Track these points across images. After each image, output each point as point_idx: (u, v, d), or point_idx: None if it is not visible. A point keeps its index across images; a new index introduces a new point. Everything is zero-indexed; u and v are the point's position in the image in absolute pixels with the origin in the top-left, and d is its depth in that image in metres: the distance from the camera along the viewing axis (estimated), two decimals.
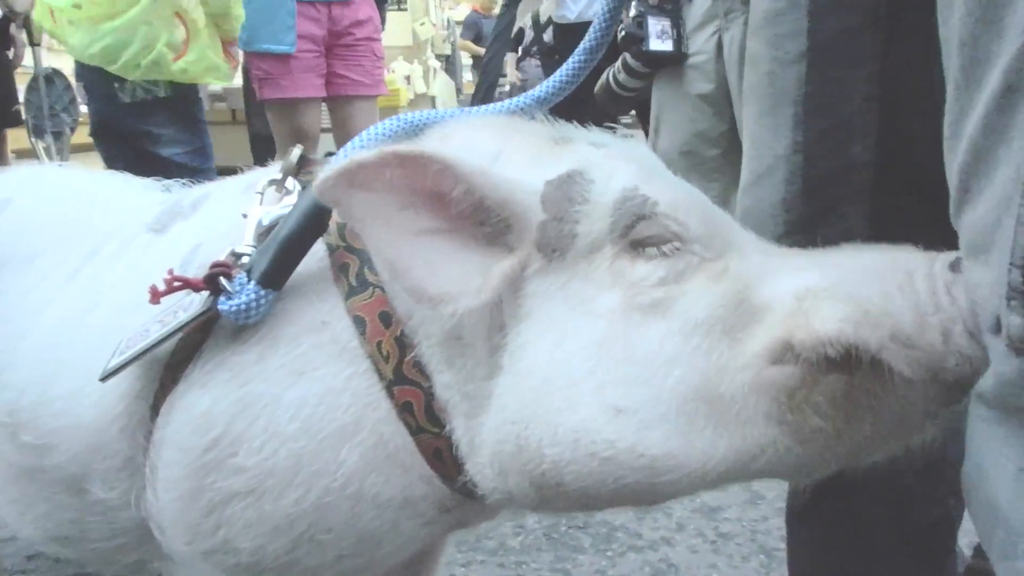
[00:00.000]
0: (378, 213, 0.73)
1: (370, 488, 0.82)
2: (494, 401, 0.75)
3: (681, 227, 0.73)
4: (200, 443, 0.82)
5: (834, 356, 0.64)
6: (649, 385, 0.69)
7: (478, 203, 0.74)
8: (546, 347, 0.72)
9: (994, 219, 0.56)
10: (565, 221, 0.74)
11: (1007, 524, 0.57)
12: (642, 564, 1.77)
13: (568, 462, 0.71)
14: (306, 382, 0.80)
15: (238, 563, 0.86)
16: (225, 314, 0.80)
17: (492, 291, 0.72)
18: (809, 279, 0.69)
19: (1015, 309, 0.53)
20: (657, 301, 0.71)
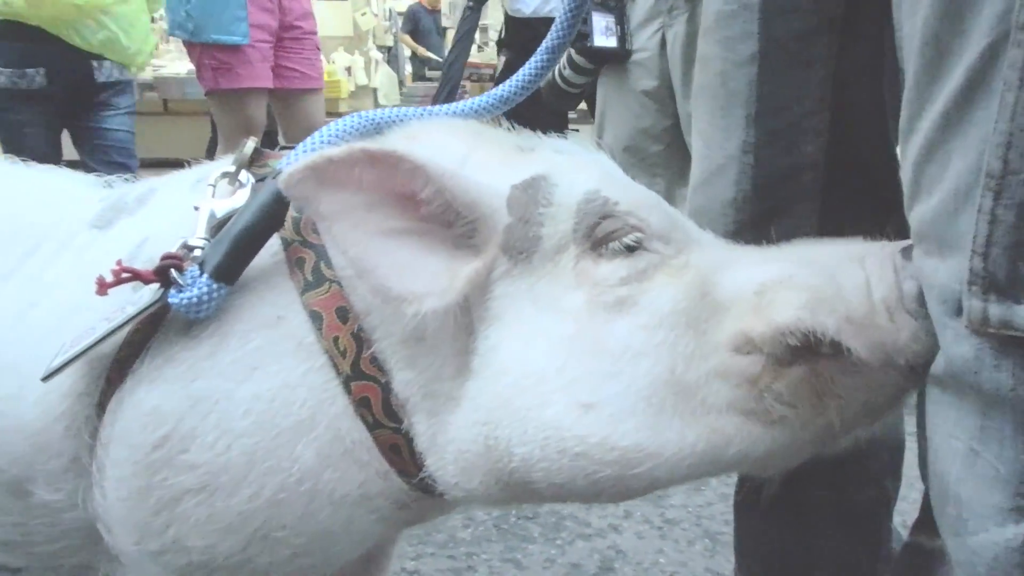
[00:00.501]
0: (346, 211, 0.73)
1: (326, 484, 0.81)
2: (464, 403, 0.76)
3: (642, 223, 0.75)
4: (149, 440, 0.80)
5: (794, 344, 0.67)
6: (617, 380, 0.70)
7: (447, 205, 0.74)
8: (515, 348, 0.74)
9: (952, 209, 0.59)
10: (530, 224, 0.76)
11: (957, 501, 0.60)
12: (591, 551, 1.80)
13: (538, 460, 0.72)
14: (260, 377, 0.79)
15: (189, 562, 0.84)
16: (176, 307, 0.78)
17: (457, 293, 0.73)
18: (767, 272, 0.72)
19: (975, 293, 0.56)
20: (622, 298, 0.73)
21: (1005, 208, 0.54)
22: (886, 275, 0.68)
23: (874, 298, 0.67)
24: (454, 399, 0.77)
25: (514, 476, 0.74)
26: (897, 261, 0.69)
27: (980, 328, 0.56)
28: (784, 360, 0.68)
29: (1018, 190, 0.53)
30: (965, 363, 0.58)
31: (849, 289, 0.68)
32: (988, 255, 0.55)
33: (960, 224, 0.58)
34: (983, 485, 0.57)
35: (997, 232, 0.54)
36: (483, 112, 0.99)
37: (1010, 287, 0.54)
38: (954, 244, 0.59)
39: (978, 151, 0.56)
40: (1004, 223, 0.54)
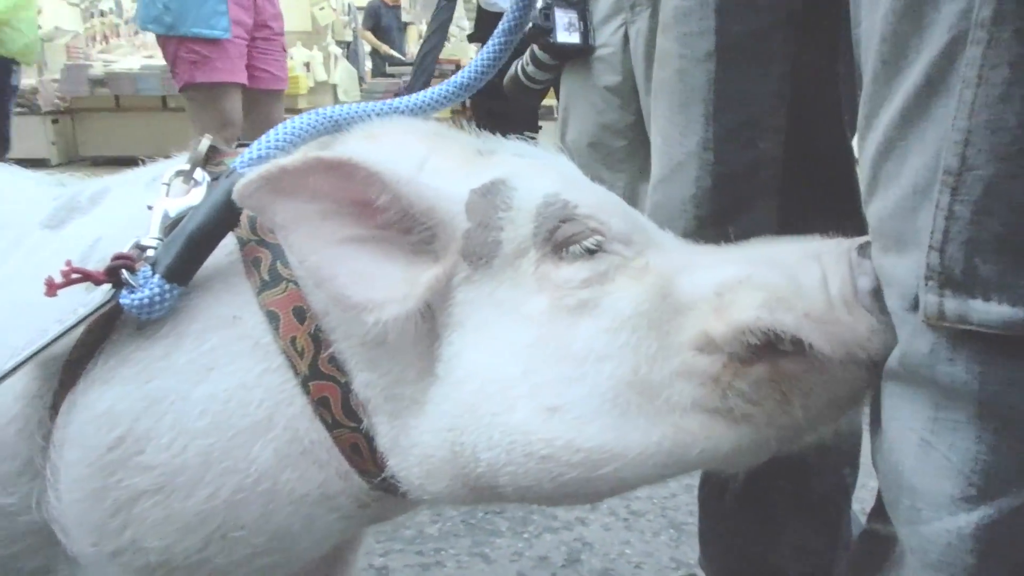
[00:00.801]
0: (302, 220, 0.72)
1: (284, 484, 0.81)
2: (428, 408, 0.76)
3: (602, 226, 0.75)
4: (104, 441, 0.79)
5: (754, 343, 0.67)
6: (581, 383, 0.70)
7: (404, 212, 0.74)
8: (479, 354, 0.74)
9: (910, 206, 0.60)
10: (490, 228, 0.75)
11: (911, 492, 0.61)
12: (558, 544, 1.81)
13: (504, 464, 0.72)
14: (216, 378, 0.79)
15: (147, 563, 0.84)
16: (127, 308, 0.77)
17: (417, 300, 0.73)
18: (725, 272, 0.72)
19: (931, 289, 0.56)
20: (583, 301, 0.73)
21: (962, 204, 0.54)
22: (841, 270, 0.69)
23: (831, 294, 0.68)
24: (417, 403, 0.77)
25: (480, 480, 0.74)
26: (852, 257, 0.69)
27: (936, 322, 0.57)
28: (746, 359, 0.69)
29: (975, 186, 0.54)
30: (921, 357, 0.59)
31: (806, 286, 0.68)
32: (944, 251, 0.55)
33: (918, 220, 0.59)
34: (936, 475, 0.58)
35: (954, 228, 0.55)
36: (444, 101, 0.99)
37: (966, 282, 0.55)
38: (911, 240, 0.60)
39: (936, 148, 0.57)
40: (961, 219, 0.54)
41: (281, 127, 0.85)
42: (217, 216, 0.79)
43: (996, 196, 0.53)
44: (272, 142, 0.83)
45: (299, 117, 0.86)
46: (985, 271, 0.54)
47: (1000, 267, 0.54)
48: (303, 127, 0.85)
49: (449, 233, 0.75)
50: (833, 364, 0.67)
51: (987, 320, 0.54)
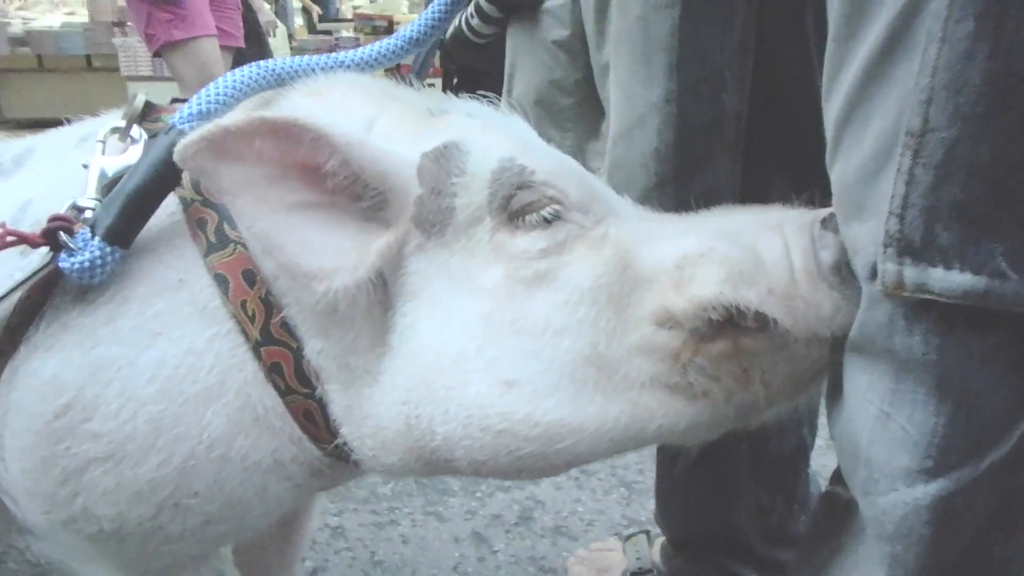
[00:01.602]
0: (247, 185, 0.69)
1: (237, 451, 0.79)
2: (382, 380, 0.74)
3: (560, 193, 0.73)
4: (49, 409, 0.77)
5: (715, 319, 0.66)
6: (539, 357, 0.69)
7: (354, 176, 0.71)
8: (433, 327, 0.72)
9: (872, 170, 0.58)
10: (443, 195, 0.72)
11: (868, 463, 0.61)
12: (510, 503, 1.82)
13: (460, 438, 0.71)
14: (164, 343, 0.76)
15: (100, 530, 0.82)
16: (67, 272, 0.74)
17: (368, 269, 0.71)
18: (687, 245, 0.71)
19: (890, 256, 0.55)
20: (541, 273, 0.71)
21: (923, 168, 0.53)
22: (803, 244, 0.68)
23: (794, 268, 0.67)
24: (370, 373, 0.75)
25: (436, 454, 0.73)
26: (815, 231, 0.68)
27: (894, 292, 0.55)
28: (706, 335, 0.68)
29: (937, 149, 0.52)
30: (879, 327, 0.58)
31: (769, 261, 0.67)
32: (904, 217, 0.54)
33: (880, 186, 0.57)
34: (893, 447, 0.58)
35: (914, 193, 0.53)
36: (392, 56, 0.96)
37: (925, 250, 0.54)
38: (873, 207, 0.58)
39: (898, 110, 0.55)
40: (922, 184, 0.53)
41: (221, 81, 0.81)
42: (158, 174, 0.76)
43: (957, 160, 0.51)
44: (213, 96, 0.79)
45: (240, 70, 0.83)
46: (945, 238, 0.53)
47: (960, 234, 0.52)
48: (244, 81, 0.82)
49: (401, 199, 0.73)
50: (795, 341, 0.66)
51: (947, 289, 0.53)
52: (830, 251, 0.67)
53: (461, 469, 0.75)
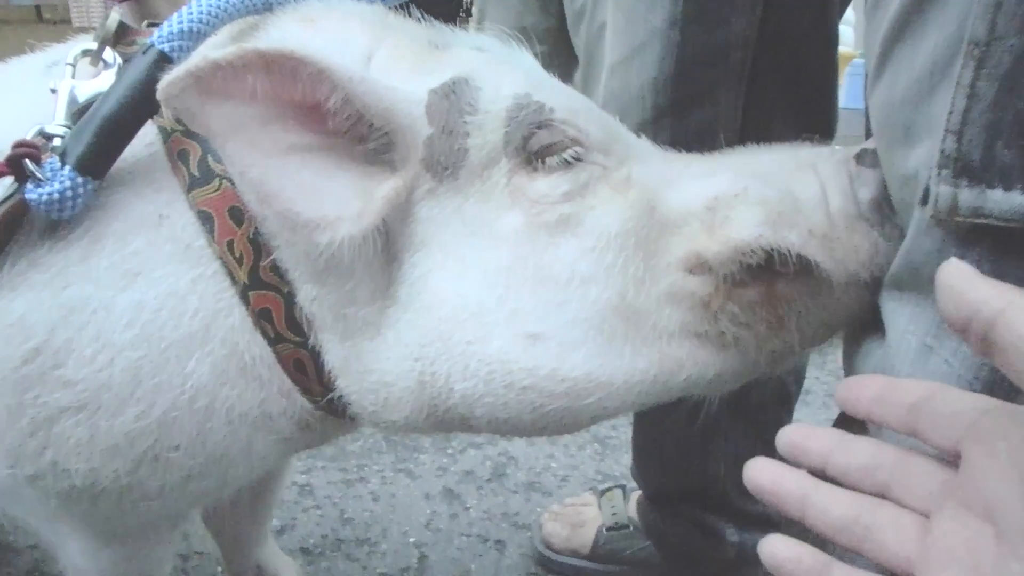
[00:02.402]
0: (239, 127, 0.62)
1: (222, 403, 0.74)
2: (388, 334, 0.69)
3: (580, 133, 0.68)
4: (16, 354, 0.70)
5: (752, 263, 0.63)
6: (565, 308, 0.65)
7: (357, 116, 0.65)
8: (448, 278, 0.66)
9: (926, 88, 0.55)
10: (455, 135, 0.66)
11: None
12: (483, 459, 1.80)
13: (481, 395, 0.66)
14: (143, 284, 0.70)
15: (72, 486, 0.76)
16: (35, 204, 0.67)
17: (374, 216, 0.65)
18: (717, 185, 0.66)
19: (944, 178, 0.52)
20: (564, 217, 0.66)
21: (987, 80, 0.49)
22: (841, 182, 0.64)
23: (831, 209, 0.63)
24: (372, 325, 0.70)
25: (452, 412, 0.69)
26: (851, 168, 0.65)
27: (947, 217, 0.53)
28: (739, 280, 0.64)
29: (1003, 59, 0.48)
30: (927, 256, 0.56)
31: (805, 201, 0.64)
32: (963, 134, 0.51)
33: (933, 104, 0.54)
34: (935, 381, 0.54)
35: (975, 108, 0.50)
36: None
37: (984, 170, 0.51)
38: (924, 128, 0.55)
39: (960, 19, 0.51)
40: (984, 98, 0.50)
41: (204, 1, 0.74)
42: (134, 99, 0.69)
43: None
44: (196, 14, 0.71)
45: None
46: (1006, 156, 0.50)
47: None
48: (230, 2, 0.75)
49: (408, 140, 0.67)
50: (833, 285, 0.63)
51: (1006, 211, 0.50)
52: (869, 187, 0.63)
53: (477, 427, 0.70)
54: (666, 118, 0.97)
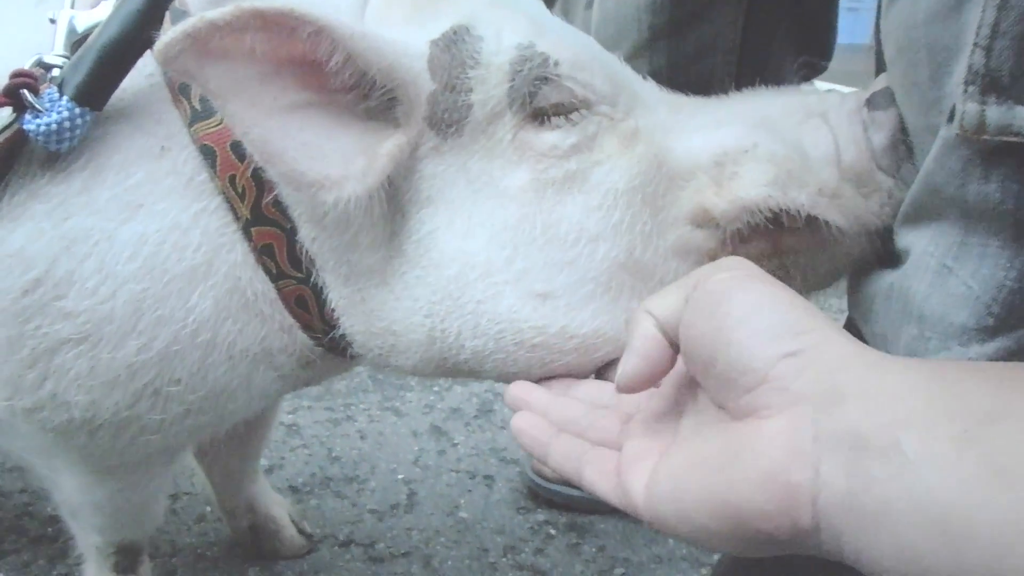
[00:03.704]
0: (239, 86, 0.62)
1: (224, 338, 0.74)
2: (395, 287, 0.69)
3: (586, 88, 0.66)
4: (17, 285, 0.70)
5: (759, 221, 0.63)
6: (573, 267, 0.65)
7: (360, 74, 0.64)
8: (455, 236, 0.66)
9: (953, 3, 0.53)
10: (457, 91, 0.65)
11: (921, 320, 0.58)
12: (469, 396, 1.82)
13: (491, 352, 0.67)
14: (145, 217, 0.70)
15: (70, 419, 0.77)
16: (33, 135, 0.67)
17: (379, 174, 0.64)
18: (725, 138, 0.66)
19: (972, 95, 0.51)
20: (571, 174, 0.66)
21: None
22: (854, 133, 0.63)
23: (844, 163, 0.63)
24: (376, 273, 0.70)
25: (462, 365, 0.69)
26: (865, 116, 0.64)
27: (973, 135, 0.51)
28: (746, 235, 0.64)
29: None
30: (950, 175, 0.54)
31: (816, 157, 0.63)
32: (992, 49, 0.49)
33: (961, 19, 0.52)
34: (951, 304, 0.55)
35: (1007, 19, 0.49)
36: None
37: (1013, 85, 0.49)
38: (951, 45, 0.53)
39: None
40: (1016, 8, 0.48)
41: None
42: (133, 28, 0.68)
43: None
44: None
45: None
46: None
47: None
48: None
49: (411, 96, 0.65)
50: (843, 237, 0.63)
51: None
52: (883, 131, 0.63)
53: (485, 378, 0.71)
54: (661, 40, 0.95)
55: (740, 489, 0.42)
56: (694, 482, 0.45)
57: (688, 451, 0.48)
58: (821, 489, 0.40)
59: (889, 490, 0.37)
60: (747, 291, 0.47)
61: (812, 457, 0.40)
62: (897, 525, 0.37)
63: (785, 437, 0.41)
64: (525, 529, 1.42)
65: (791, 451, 0.41)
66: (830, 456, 0.40)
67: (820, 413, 0.41)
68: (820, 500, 0.40)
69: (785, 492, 0.40)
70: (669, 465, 0.48)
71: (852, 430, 0.39)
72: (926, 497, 0.36)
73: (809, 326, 0.44)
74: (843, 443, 0.40)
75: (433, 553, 1.35)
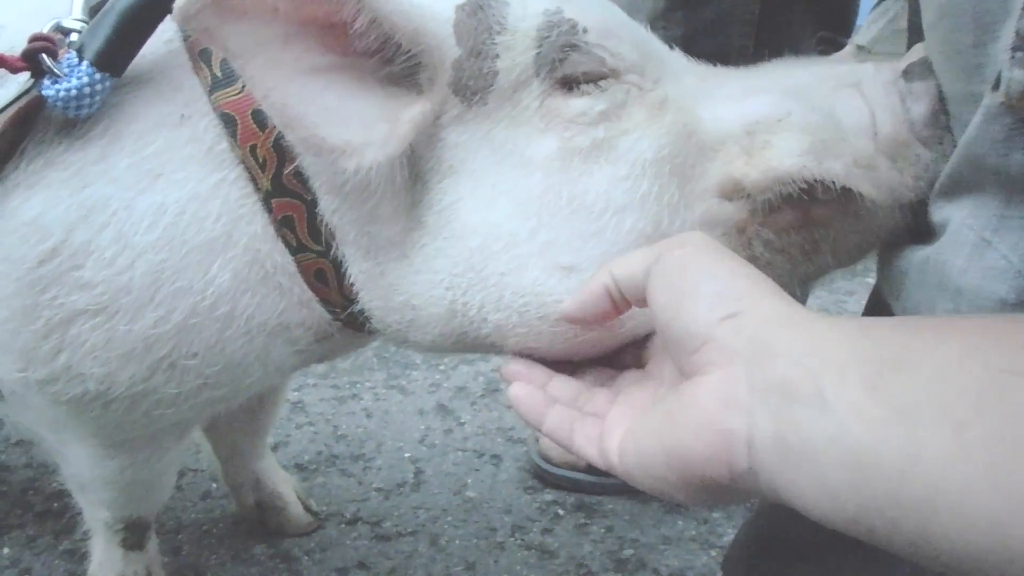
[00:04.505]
0: (260, 47, 0.60)
1: (242, 311, 0.73)
2: (415, 260, 0.68)
3: (614, 57, 0.65)
4: (32, 254, 0.69)
5: (792, 192, 0.61)
6: (599, 239, 0.63)
7: (385, 38, 0.62)
8: (478, 207, 0.65)
9: None
10: (483, 57, 0.64)
11: (957, 294, 0.57)
12: (475, 375, 1.81)
13: (515, 326, 0.65)
14: (164, 186, 0.69)
15: (84, 392, 0.76)
16: (52, 101, 0.65)
17: (401, 141, 0.63)
18: (756, 107, 0.64)
19: (1018, 61, 0.49)
20: (598, 143, 0.64)
21: None
22: (891, 104, 0.62)
23: (881, 135, 0.61)
24: (396, 245, 0.69)
25: (483, 339, 0.68)
26: (901, 86, 0.62)
27: (1019, 102, 0.50)
28: (775, 206, 0.63)
29: None
30: (993, 144, 0.53)
31: (850, 127, 0.62)
32: None
33: None
34: (990, 277, 0.55)
35: None
36: None
37: None
38: (997, 9, 0.52)
39: None
40: None
41: None
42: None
43: None
44: None
45: None
46: None
47: None
48: None
49: (436, 62, 0.64)
50: (876, 210, 0.62)
51: None
52: (923, 101, 0.62)
53: (506, 352, 0.70)
54: (679, 10, 0.93)
55: (683, 438, 0.47)
56: (652, 437, 0.51)
57: (651, 413, 0.53)
58: (755, 435, 0.44)
59: (811, 431, 0.42)
60: (699, 263, 0.52)
61: (746, 406, 0.45)
62: (818, 462, 0.42)
63: (721, 389, 0.46)
64: (533, 509, 1.41)
65: (726, 401, 0.46)
66: (762, 404, 0.44)
67: (753, 366, 0.45)
68: (754, 444, 0.44)
69: (721, 439, 0.45)
70: (635, 426, 0.54)
71: (781, 380, 0.44)
72: (841, 436, 0.41)
73: (747, 292, 0.49)
74: (773, 392, 0.44)
75: (440, 532, 1.35)
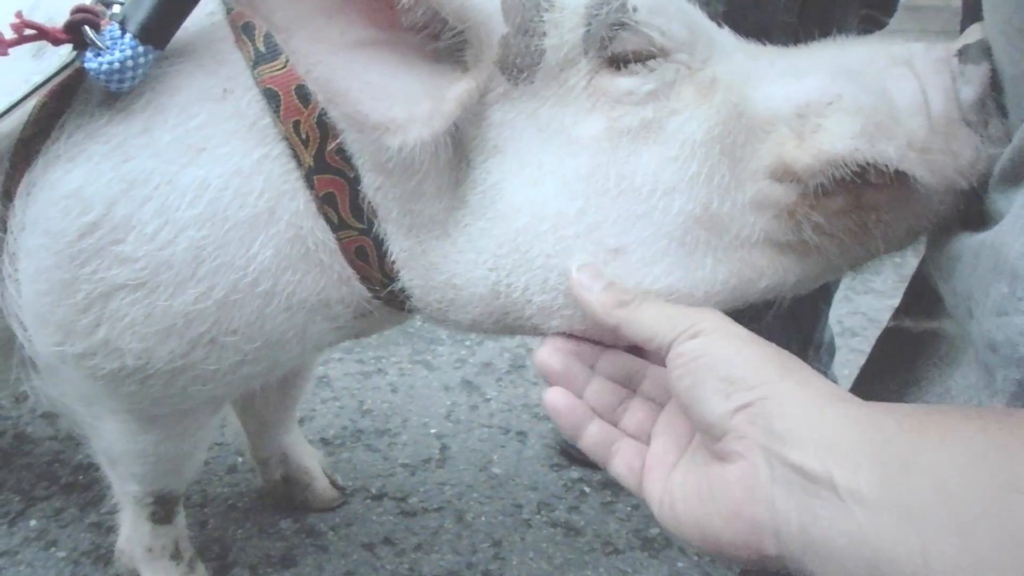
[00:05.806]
0: (304, 20, 0.59)
1: (283, 288, 0.73)
2: (458, 239, 0.67)
3: (664, 36, 0.64)
4: (73, 227, 0.69)
5: (844, 175, 0.60)
6: (647, 220, 0.62)
7: (432, 13, 0.61)
8: (524, 187, 0.64)
9: None
10: (531, 34, 0.63)
11: (1014, 278, 0.55)
12: (501, 351, 1.81)
13: (560, 307, 0.65)
14: (207, 161, 0.68)
15: (122, 367, 0.76)
16: (94, 73, 0.64)
17: (446, 119, 0.62)
18: (807, 88, 0.63)
19: None
20: (647, 122, 0.63)
21: None
22: (943, 83, 0.60)
23: (933, 114, 0.60)
24: (439, 224, 0.68)
25: (526, 320, 0.67)
26: (954, 67, 0.61)
27: None
28: (827, 189, 0.61)
29: None
30: None
31: (904, 107, 0.60)
32: None
33: None
34: None
35: None
36: None
37: None
38: None
39: None
40: None
41: None
42: None
43: None
44: None
45: None
46: None
47: None
48: None
49: (483, 39, 0.63)
50: (929, 194, 0.61)
51: None
52: (973, 85, 0.60)
53: (546, 333, 0.69)
54: None
55: (715, 523, 0.52)
56: (686, 511, 0.55)
57: (685, 477, 0.56)
58: (780, 526, 0.48)
59: (831, 528, 0.46)
60: (711, 353, 0.55)
61: (769, 496, 0.49)
62: (841, 559, 0.45)
63: (745, 480, 0.50)
64: (559, 486, 1.41)
65: (751, 491, 0.49)
66: (785, 494, 0.48)
67: (771, 455, 0.49)
68: (780, 535, 0.48)
69: (750, 528, 0.49)
70: (672, 488, 0.57)
71: (799, 467, 0.48)
72: (859, 537, 0.44)
73: (761, 379, 0.52)
74: (794, 480, 0.48)
75: (466, 508, 1.35)
